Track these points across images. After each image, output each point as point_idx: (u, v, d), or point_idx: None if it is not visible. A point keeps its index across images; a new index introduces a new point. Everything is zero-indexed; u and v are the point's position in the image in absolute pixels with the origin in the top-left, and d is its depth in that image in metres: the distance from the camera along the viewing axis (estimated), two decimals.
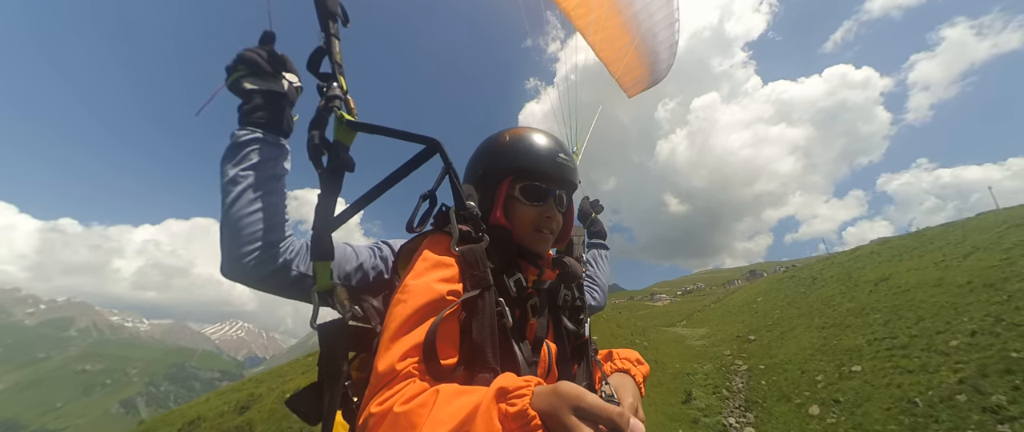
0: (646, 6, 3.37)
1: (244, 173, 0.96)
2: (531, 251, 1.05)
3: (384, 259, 1.13)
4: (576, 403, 0.51)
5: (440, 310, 0.78)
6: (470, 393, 0.60)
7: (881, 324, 13.67)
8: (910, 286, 15.42)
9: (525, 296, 0.94)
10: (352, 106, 0.99)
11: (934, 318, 12.54)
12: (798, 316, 18.33)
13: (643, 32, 3.53)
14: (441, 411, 0.57)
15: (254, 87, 1.00)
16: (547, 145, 1.08)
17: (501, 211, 1.04)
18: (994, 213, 23.34)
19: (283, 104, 1.04)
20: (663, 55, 3.77)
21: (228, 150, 0.98)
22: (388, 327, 0.78)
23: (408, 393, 0.65)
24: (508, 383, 0.56)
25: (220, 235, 0.95)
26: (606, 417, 0.51)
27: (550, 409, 0.52)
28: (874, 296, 16.33)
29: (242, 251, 0.93)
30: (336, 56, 1.00)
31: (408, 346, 0.73)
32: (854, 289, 18.15)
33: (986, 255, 15.06)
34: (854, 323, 14.77)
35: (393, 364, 0.70)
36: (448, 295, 0.81)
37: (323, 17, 0.98)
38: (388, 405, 0.64)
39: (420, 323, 0.77)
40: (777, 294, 24.29)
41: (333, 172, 0.93)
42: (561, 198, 1.10)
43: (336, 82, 0.98)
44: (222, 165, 0.97)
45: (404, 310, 0.78)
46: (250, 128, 1.00)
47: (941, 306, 12.99)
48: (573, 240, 1.29)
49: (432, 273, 0.85)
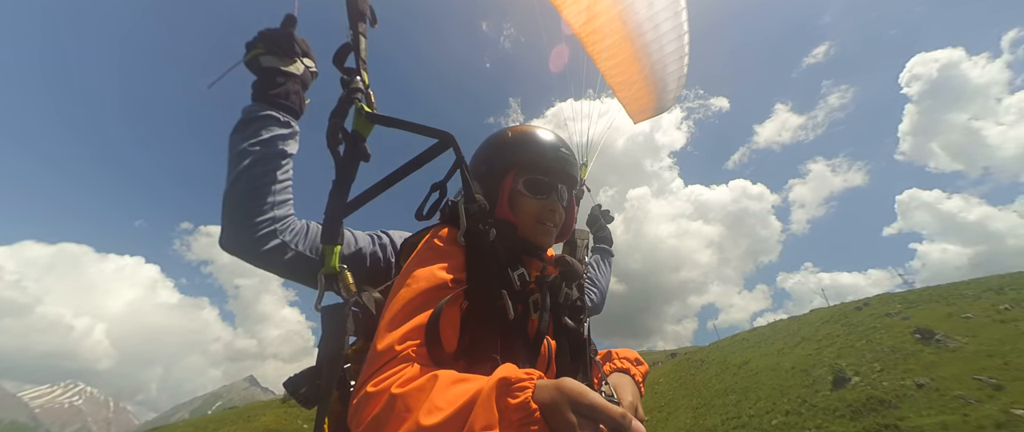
0: (657, 38, 3.46)
1: (253, 147, 0.99)
2: (534, 245, 1.06)
3: (383, 247, 1.15)
4: (578, 400, 0.50)
5: (443, 297, 0.78)
6: (469, 381, 0.59)
7: (733, 404, 16.50)
8: (759, 369, 18.91)
9: (528, 291, 0.95)
10: (372, 100, 1.04)
11: (767, 399, 15.60)
12: (684, 397, 20.94)
13: (653, 62, 3.58)
14: (439, 397, 0.56)
15: (272, 66, 1.07)
16: (549, 140, 1.10)
17: (506, 205, 1.05)
18: (825, 310, 28.13)
19: (298, 86, 1.10)
20: (671, 86, 3.82)
21: (239, 124, 1.03)
22: (389, 309, 0.78)
23: (406, 376, 0.64)
24: (511, 374, 0.55)
25: (223, 208, 0.98)
26: (608, 417, 0.50)
27: (552, 404, 0.51)
28: (735, 378, 19.60)
29: (245, 224, 0.95)
30: (362, 53, 1.05)
31: (409, 328, 0.73)
32: (724, 372, 21.48)
33: (807, 345, 19.24)
34: (717, 403, 17.58)
35: (392, 344, 0.70)
36: (451, 283, 0.82)
37: (353, 16, 1.05)
38: (385, 386, 0.63)
39: (422, 308, 0.77)
40: (675, 376, 27.14)
41: (349, 161, 0.98)
42: (563, 192, 1.10)
43: (359, 77, 1.04)
44: (231, 137, 1.02)
45: (407, 293, 0.79)
46: (263, 105, 1.05)
47: (773, 387, 16.19)
48: (577, 242, 1.31)
49: (437, 261, 0.86)
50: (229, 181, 0.98)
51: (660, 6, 3.27)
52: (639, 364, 1.11)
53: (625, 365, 1.08)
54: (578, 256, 1.29)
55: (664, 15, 3.30)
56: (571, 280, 1.07)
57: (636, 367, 1.09)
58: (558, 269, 1.07)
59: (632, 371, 1.06)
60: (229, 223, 0.97)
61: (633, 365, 1.09)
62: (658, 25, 3.36)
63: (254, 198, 0.97)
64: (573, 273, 1.07)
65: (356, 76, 1.04)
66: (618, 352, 1.14)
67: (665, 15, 3.30)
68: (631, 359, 1.11)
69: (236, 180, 0.97)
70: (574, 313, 1.07)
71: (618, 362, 1.09)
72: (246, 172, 0.98)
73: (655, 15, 3.30)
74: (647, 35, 3.39)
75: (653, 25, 3.34)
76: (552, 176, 1.08)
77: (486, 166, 1.10)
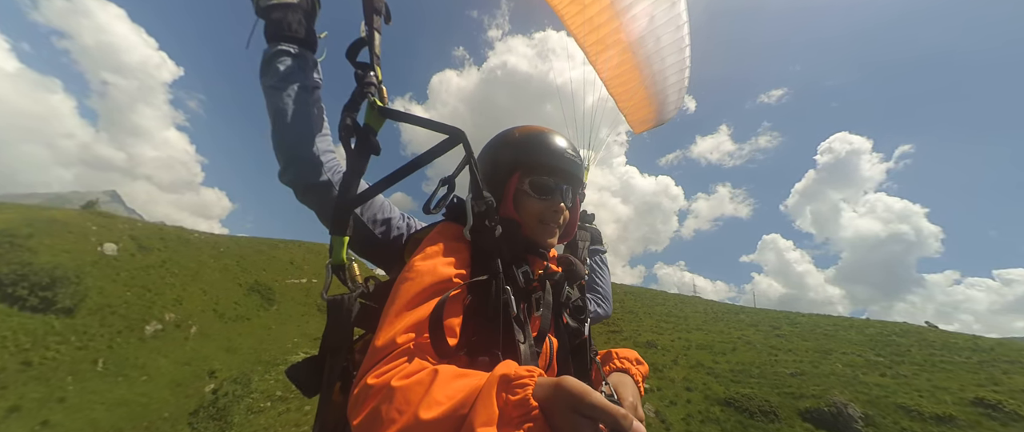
0: (659, 50, 3.47)
1: (279, 83, 1.05)
2: (538, 244, 1.07)
3: (409, 226, 1.17)
4: (579, 399, 0.50)
5: (446, 291, 0.78)
6: (469, 376, 0.60)
7: None
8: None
9: (531, 289, 0.96)
10: (384, 94, 1.06)
11: None
12: None
13: (654, 73, 3.60)
14: (438, 391, 0.57)
15: (271, 3, 1.10)
16: (556, 142, 1.11)
17: (511, 204, 1.06)
18: None
19: (298, 14, 1.12)
20: (672, 98, 3.85)
21: (260, 67, 1.09)
22: (392, 302, 0.79)
23: (407, 369, 0.65)
24: (511, 370, 0.56)
25: (273, 140, 1.04)
26: (609, 416, 0.50)
27: (552, 402, 0.51)
28: None
29: (288, 157, 1.03)
30: (376, 49, 1.07)
31: (411, 322, 0.73)
32: None
33: None
34: None
35: (394, 337, 0.70)
36: (455, 278, 0.83)
37: (368, 12, 1.07)
38: (385, 378, 0.63)
39: (425, 302, 0.77)
40: None
41: (360, 154, 0.99)
42: (568, 193, 1.11)
43: (373, 71, 1.05)
44: (261, 80, 1.08)
45: (410, 287, 0.79)
46: (273, 43, 1.09)
47: None
48: (578, 243, 1.33)
49: (441, 256, 0.86)
50: (271, 117, 1.04)
51: (662, 20, 3.30)
52: (639, 364, 1.11)
53: (625, 365, 1.08)
54: (579, 256, 1.30)
55: (666, 28, 3.37)
56: (573, 280, 1.09)
57: (636, 367, 1.09)
58: (561, 268, 1.09)
59: (632, 371, 1.06)
60: (278, 158, 1.04)
61: (633, 365, 1.09)
62: (660, 38, 3.40)
63: (290, 132, 1.03)
64: (576, 273, 1.09)
65: (370, 71, 1.05)
66: (618, 352, 1.14)
67: (667, 28, 3.37)
68: (631, 359, 1.11)
69: (272, 119, 1.04)
70: (575, 312, 1.09)
71: (618, 362, 1.09)
72: (272, 107, 1.04)
73: (657, 28, 3.34)
74: (648, 47, 3.43)
75: (655, 38, 3.39)
76: (557, 177, 1.09)
77: (492, 165, 1.11)
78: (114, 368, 26.33)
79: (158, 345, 29.42)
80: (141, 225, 41.98)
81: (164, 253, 37.38)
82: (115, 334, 28.41)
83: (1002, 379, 23.56)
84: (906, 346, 29.92)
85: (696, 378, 26.20)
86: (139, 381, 26.14)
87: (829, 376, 24.91)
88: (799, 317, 41.71)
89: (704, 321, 39.46)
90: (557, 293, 1.04)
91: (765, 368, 26.79)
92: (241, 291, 38.89)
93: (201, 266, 38.77)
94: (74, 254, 30.89)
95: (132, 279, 32.62)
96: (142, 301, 31.45)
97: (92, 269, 30.85)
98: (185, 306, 33.60)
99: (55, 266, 28.60)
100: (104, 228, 35.70)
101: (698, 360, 29.01)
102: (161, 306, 32.10)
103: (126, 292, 31.32)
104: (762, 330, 35.75)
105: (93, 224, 35.45)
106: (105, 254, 33.14)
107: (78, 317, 27.89)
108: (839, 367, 26.33)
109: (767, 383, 24.70)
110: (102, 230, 35.17)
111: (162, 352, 29.03)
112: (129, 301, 30.81)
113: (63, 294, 27.87)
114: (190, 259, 38.56)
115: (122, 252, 34.42)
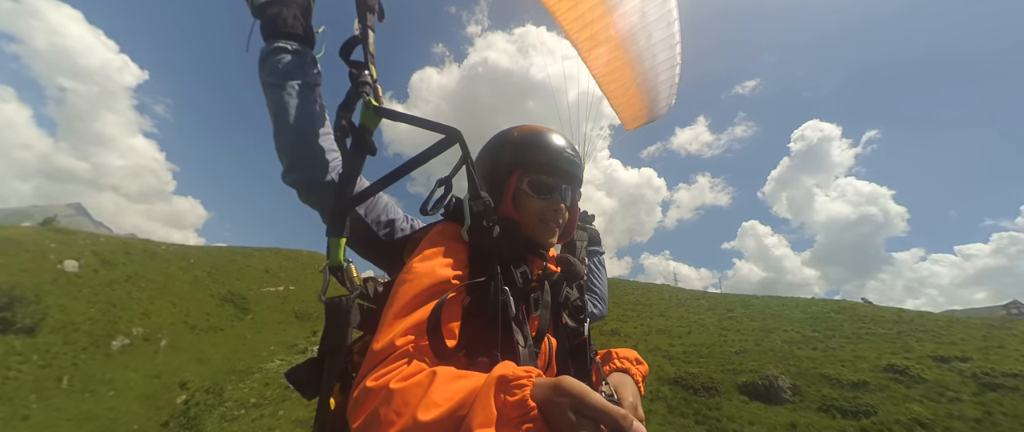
0: (650, 46, 3.44)
1: (279, 81, 1.04)
2: (537, 244, 1.07)
3: (412, 227, 1.16)
4: (578, 399, 0.51)
5: (445, 293, 0.78)
6: (467, 377, 0.60)
7: None
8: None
9: (530, 289, 0.95)
10: (380, 94, 1.04)
11: None
12: None
13: (646, 69, 3.57)
14: (437, 393, 0.57)
15: (263, 1, 1.09)
16: (556, 142, 1.10)
17: (510, 204, 1.05)
18: None
19: (294, 9, 1.10)
20: (663, 94, 3.81)
21: (259, 65, 1.08)
22: (391, 305, 0.79)
23: (405, 371, 0.65)
24: (509, 371, 0.56)
25: (276, 140, 1.03)
26: (609, 417, 0.50)
27: (550, 402, 0.52)
28: None
29: (287, 154, 1.02)
30: (370, 47, 1.05)
31: (409, 324, 0.73)
32: None
33: None
34: None
35: (393, 340, 0.70)
36: (453, 280, 0.82)
37: (362, 9, 1.06)
38: (384, 381, 0.64)
39: (424, 303, 0.77)
40: None
41: (356, 154, 0.97)
42: (567, 193, 1.11)
43: (367, 70, 1.03)
44: (260, 78, 1.08)
45: (409, 289, 0.79)
46: (269, 41, 1.09)
47: None
48: (576, 243, 1.35)
49: (439, 258, 0.86)
50: (273, 116, 1.04)
51: (653, 16, 3.32)
52: (639, 364, 1.10)
53: (625, 365, 1.07)
54: (578, 256, 1.31)
55: (657, 25, 3.38)
56: (572, 280, 1.09)
57: (636, 367, 1.08)
58: (560, 268, 1.09)
59: (632, 371, 1.05)
60: (281, 158, 1.03)
61: (633, 365, 1.08)
62: (651, 34, 3.40)
63: (292, 130, 1.01)
64: (575, 273, 1.09)
65: (364, 70, 1.03)
66: (618, 352, 1.13)
67: (658, 25, 3.39)
68: (631, 359, 1.10)
69: (274, 118, 1.03)
70: (574, 313, 1.09)
71: (618, 362, 1.09)
72: (273, 105, 1.03)
73: (648, 25, 3.35)
74: (640, 43, 3.40)
75: (646, 34, 3.39)
76: (557, 177, 1.08)
77: (491, 165, 1.11)
78: (80, 384, 26.36)
79: (126, 360, 29.38)
80: (104, 240, 41.59)
81: (129, 267, 37.12)
82: (80, 351, 28.29)
83: (914, 346, 26.07)
84: (840, 321, 32.31)
85: (651, 361, 28.01)
86: (106, 396, 26.25)
87: (768, 352, 26.84)
88: (753, 299, 44.13)
89: (667, 308, 41.51)
90: (556, 293, 1.04)
91: (714, 348, 28.70)
92: (214, 302, 38.77)
93: (169, 279, 38.53)
94: (32, 273, 30.59)
95: (96, 295, 32.41)
96: (107, 317, 31.30)
97: (52, 287, 30.61)
98: (153, 319, 33.45)
99: (12, 286, 28.34)
100: (64, 244, 35.33)
101: (656, 344, 30.85)
102: (128, 320, 31.95)
103: (90, 308, 31.16)
104: (717, 313, 37.97)
105: (52, 241, 35.05)
106: (65, 271, 32.85)
107: (40, 336, 27.69)
108: (778, 344, 28.34)
109: (713, 361, 26.54)
110: (61, 247, 34.82)
111: (131, 366, 29.02)
112: (93, 317, 30.65)
113: (23, 313, 27.64)
114: (157, 272, 38.31)
115: (84, 268, 34.08)
